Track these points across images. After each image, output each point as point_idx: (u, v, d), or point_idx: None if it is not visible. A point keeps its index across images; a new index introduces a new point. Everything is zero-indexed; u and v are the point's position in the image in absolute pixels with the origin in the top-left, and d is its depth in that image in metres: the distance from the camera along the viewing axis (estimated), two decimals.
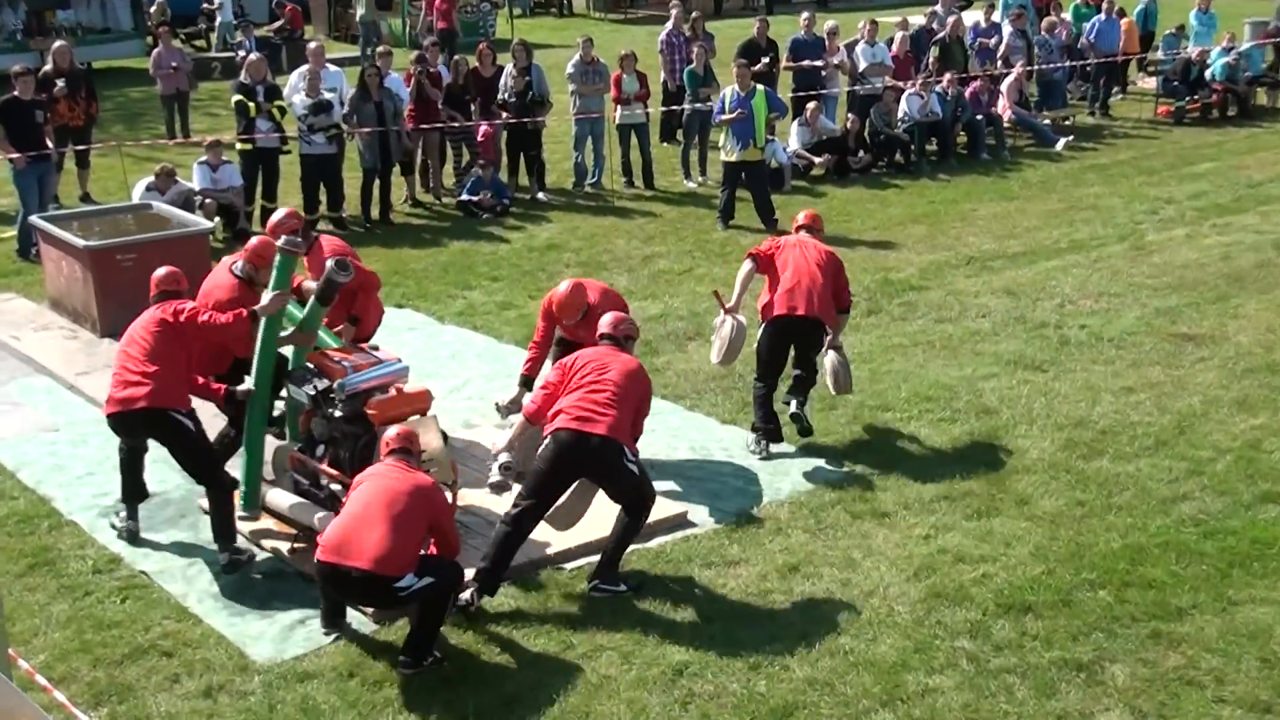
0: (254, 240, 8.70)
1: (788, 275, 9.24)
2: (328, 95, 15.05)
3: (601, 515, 7.82)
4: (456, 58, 16.80)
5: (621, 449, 7.23)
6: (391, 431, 7.12)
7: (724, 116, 14.93)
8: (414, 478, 6.84)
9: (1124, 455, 9.01)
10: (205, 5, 31.36)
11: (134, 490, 8.12)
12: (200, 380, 7.85)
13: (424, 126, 16.13)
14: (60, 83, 15.73)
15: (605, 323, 7.80)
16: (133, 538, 8.05)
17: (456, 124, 16.32)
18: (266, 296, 7.90)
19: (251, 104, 14.83)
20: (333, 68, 16.26)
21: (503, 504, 7.72)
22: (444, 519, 6.91)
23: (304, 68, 15.57)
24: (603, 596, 7.35)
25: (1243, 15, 29.68)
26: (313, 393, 7.94)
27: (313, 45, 16.15)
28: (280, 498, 8.02)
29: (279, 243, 8.06)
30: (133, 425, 7.67)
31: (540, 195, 16.64)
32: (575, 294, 8.66)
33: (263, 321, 7.86)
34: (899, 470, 8.87)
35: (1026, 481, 8.67)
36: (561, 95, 18.12)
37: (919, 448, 9.23)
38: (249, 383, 7.96)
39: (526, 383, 8.86)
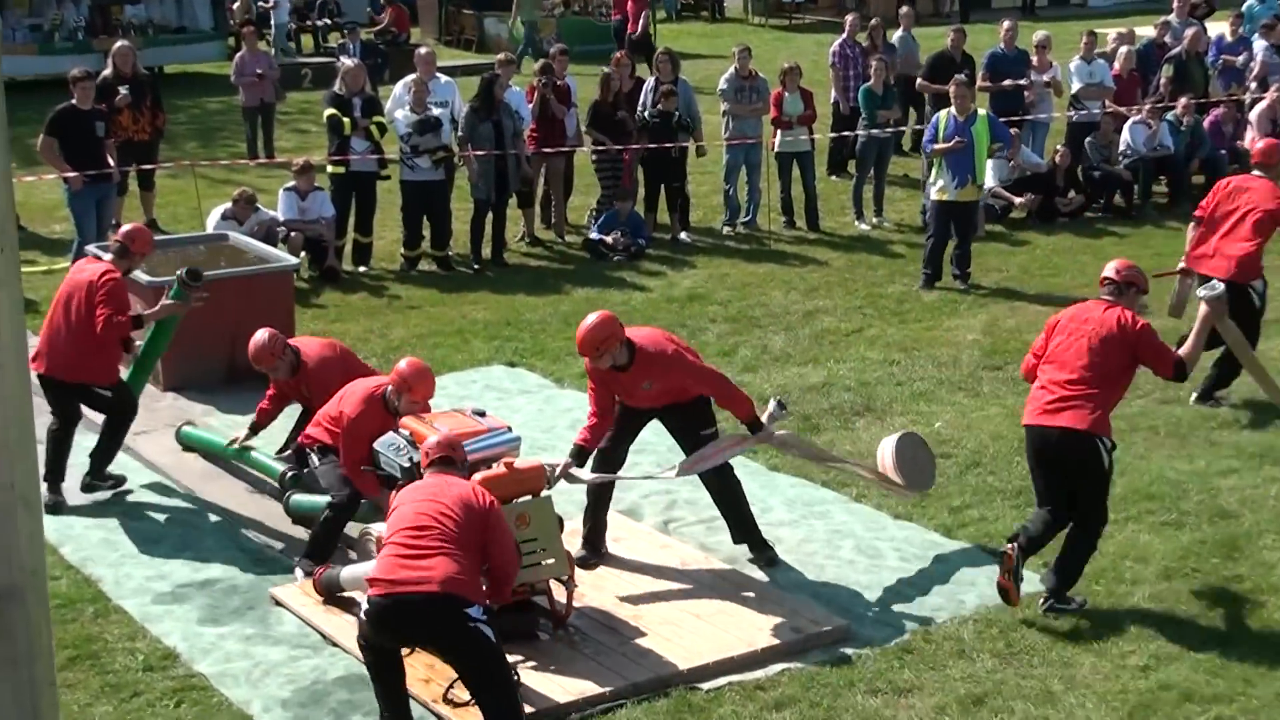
0: (405, 365, 8.93)
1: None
2: (436, 111, 15.35)
3: (741, 632, 7.79)
4: (607, 70, 16.96)
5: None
6: (433, 439, 7.36)
7: (938, 145, 14.81)
8: (461, 487, 7.07)
9: None
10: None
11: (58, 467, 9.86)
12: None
13: (547, 150, 16.37)
14: (123, 90, 16.26)
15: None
16: (57, 509, 9.48)
17: (603, 148, 16.46)
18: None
19: (346, 119, 15.16)
20: (443, 78, 16.59)
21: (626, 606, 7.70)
22: (502, 533, 7.09)
23: (409, 78, 15.91)
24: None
25: None
26: (406, 465, 8.05)
27: (421, 51, 16.49)
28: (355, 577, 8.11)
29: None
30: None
31: (683, 235, 16.75)
32: (601, 327, 8.58)
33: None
34: (1111, 584, 8.68)
35: (1274, 604, 8.43)
36: (711, 116, 18.27)
37: (1136, 557, 9.03)
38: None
39: (579, 454, 8.81)
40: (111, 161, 15.17)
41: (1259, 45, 20.99)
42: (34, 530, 2.45)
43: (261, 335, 9.88)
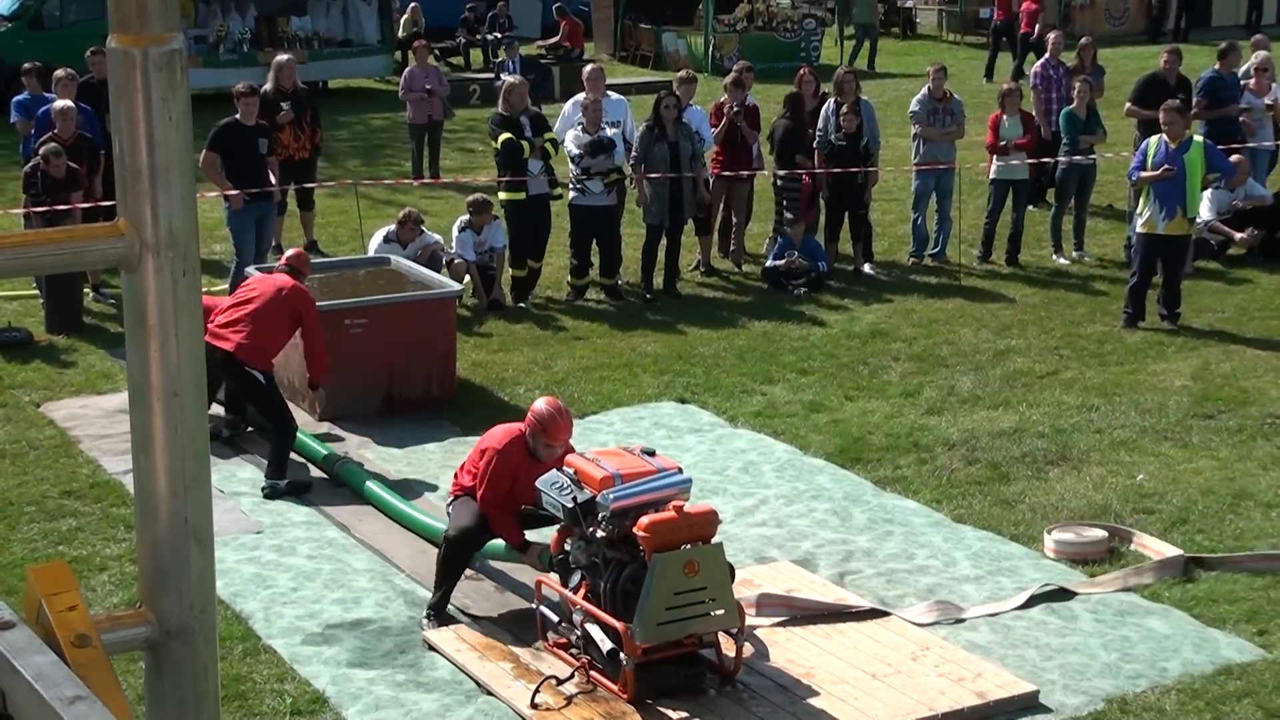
0: (541, 404, 8.99)
1: None
2: (609, 131, 15.53)
3: (921, 695, 7.78)
4: (795, 90, 17.05)
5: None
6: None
7: (1145, 174, 14.59)
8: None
9: None
10: (467, 13, 32.82)
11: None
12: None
13: (729, 174, 16.49)
14: (285, 106, 16.73)
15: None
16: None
17: (792, 171, 16.47)
18: None
19: (524, 142, 15.09)
20: (615, 96, 16.77)
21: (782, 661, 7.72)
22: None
23: (579, 96, 16.12)
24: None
25: None
26: (570, 505, 8.18)
27: (590, 68, 16.69)
28: None
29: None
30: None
31: (866, 268, 16.74)
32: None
33: None
34: None
35: None
36: (900, 140, 18.25)
37: None
38: None
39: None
40: (274, 180, 15.60)
41: None
42: (205, 568, 2.57)
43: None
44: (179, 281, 2.56)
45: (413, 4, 31.05)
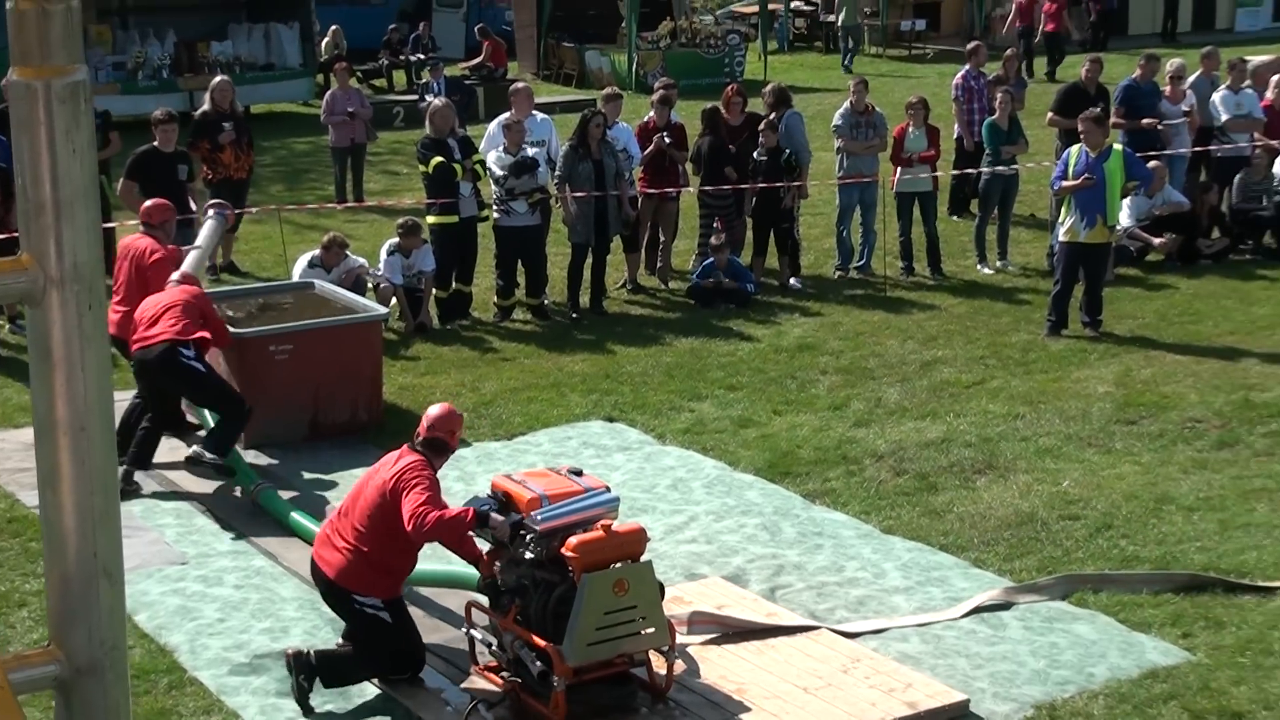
0: (432, 409, 8.75)
1: None
2: (532, 151, 15.54)
3: (852, 707, 7.82)
4: (715, 105, 17.17)
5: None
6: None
7: (1066, 183, 14.76)
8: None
9: None
10: (389, 35, 32.75)
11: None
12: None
13: (653, 191, 16.54)
14: (227, 126, 16.69)
15: None
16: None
17: (716, 188, 16.59)
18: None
19: (456, 165, 15.08)
20: (540, 116, 16.80)
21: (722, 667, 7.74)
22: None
23: (504, 116, 16.12)
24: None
25: None
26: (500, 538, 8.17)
27: (517, 87, 16.71)
28: None
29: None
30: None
31: (793, 282, 16.82)
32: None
33: None
34: (1256, 659, 8.59)
35: None
36: (825, 153, 18.36)
37: None
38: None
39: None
40: (194, 206, 15.51)
41: None
42: (115, 604, 2.56)
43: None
44: (84, 315, 2.56)
45: (334, 27, 30.93)
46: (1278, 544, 10.04)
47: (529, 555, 8.05)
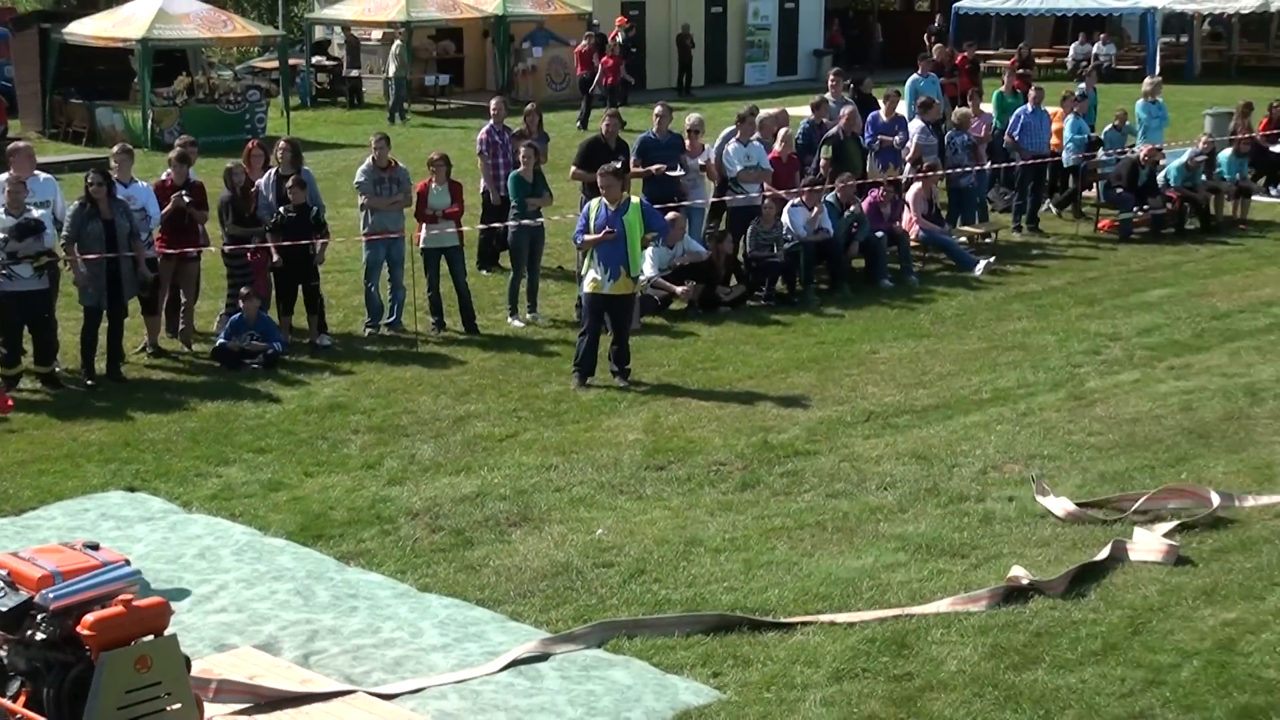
0: None
1: None
2: (37, 212, 14.95)
3: None
4: (234, 163, 16.89)
5: None
6: None
7: (587, 237, 15.09)
8: None
9: (1064, 663, 9.21)
10: None
11: None
12: None
13: (171, 251, 16.13)
14: None
15: None
16: None
17: (239, 246, 16.26)
18: None
19: None
20: (43, 176, 16.15)
21: None
22: None
23: (3, 176, 15.45)
24: None
25: (1203, 105, 31.43)
26: (2, 610, 7.77)
27: (17, 145, 16.06)
28: None
29: None
30: None
31: (321, 340, 16.65)
32: None
33: None
34: (780, 694, 8.92)
35: (943, 701, 8.78)
36: (350, 209, 18.29)
37: (806, 660, 9.32)
38: None
39: None
40: None
41: (914, 126, 22.17)
42: None
43: None
44: None
45: None
46: (797, 580, 10.49)
47: (41, 636, 7.67)
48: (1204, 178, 23.37)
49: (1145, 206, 22.57)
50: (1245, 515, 11.51)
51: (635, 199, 15.57)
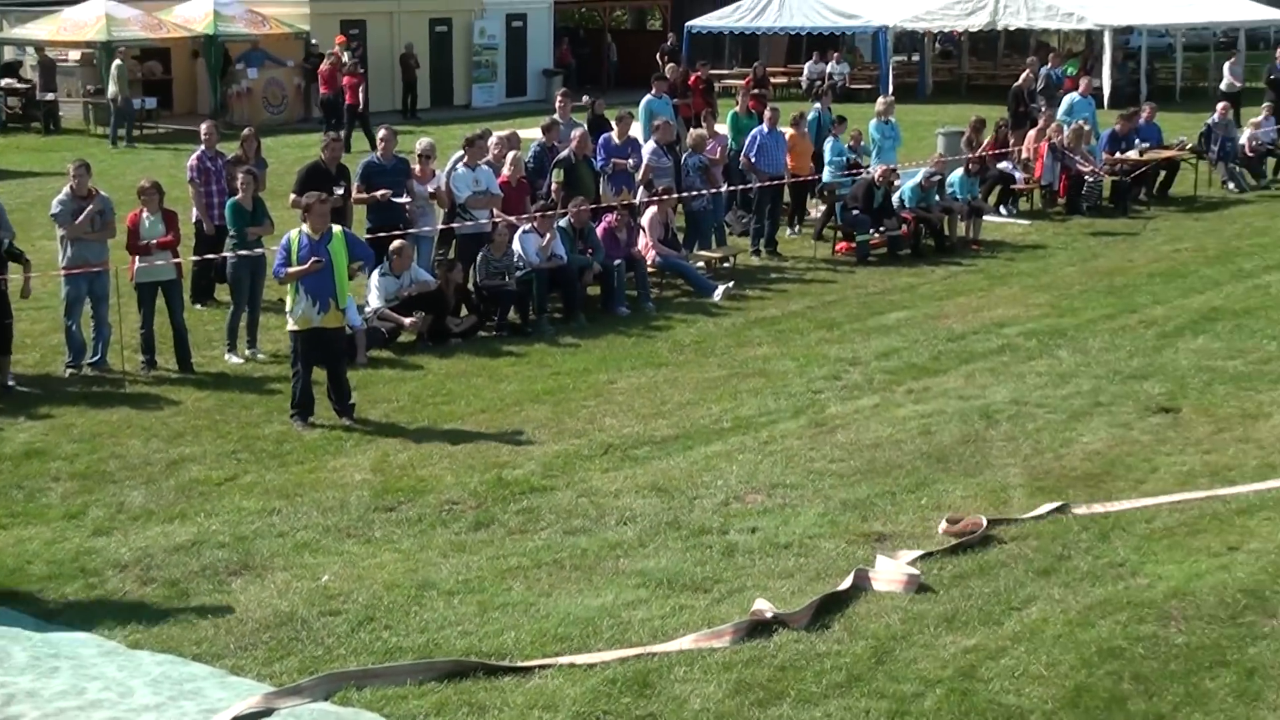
0: None
1: None
2: None
3: None
4: None
5: None
6: None
7: (291, 270, 14.82)
8: None
9: (809, 697, 9.34)
10: None
11: None
12: None
13: None
14: None
15: None
16: None
17: None
18: None
19: None
20: None
21: None
22: None
23: None
24: None
25: (936, 124, 32.44)
26: None
27: None
28: None
29: None
30: None
31: (12, 383, 16.11)
32: None
33: None
34: None
35: None
36: (47, 242, 17.77)
37: (545, 705, 9.30)
38: None
39: None
40: None
41: (647, 148, 22.40)
42: None
43: None
44: None
45: None
46: (533, 622, 10.46)
47: None
48: (937, 198, 24.05)
49: (882, 228, 23.14)
50: (983, 539, 11.84)
51: (337, 228, 15.31)
